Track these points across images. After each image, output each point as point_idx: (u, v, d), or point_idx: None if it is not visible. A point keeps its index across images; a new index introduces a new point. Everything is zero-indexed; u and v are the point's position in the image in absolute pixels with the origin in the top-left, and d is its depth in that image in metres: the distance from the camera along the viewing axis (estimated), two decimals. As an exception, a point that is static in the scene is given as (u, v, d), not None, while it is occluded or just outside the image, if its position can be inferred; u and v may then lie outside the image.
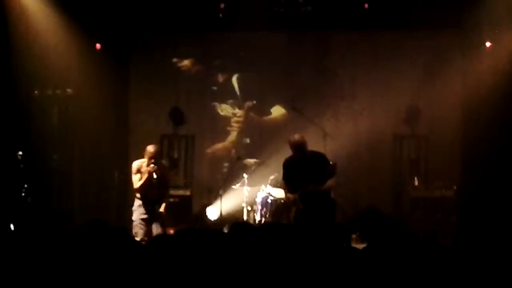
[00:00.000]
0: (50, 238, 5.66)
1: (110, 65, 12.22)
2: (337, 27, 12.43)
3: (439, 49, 12.47)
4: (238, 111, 13.31)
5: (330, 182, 8.68)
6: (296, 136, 8.82)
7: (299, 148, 8.73)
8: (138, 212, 9.44)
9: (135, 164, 9.59)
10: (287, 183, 9.00)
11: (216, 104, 13.31)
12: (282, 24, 12.50)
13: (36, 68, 10.91)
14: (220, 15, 12.27)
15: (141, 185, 9.40)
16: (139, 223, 9.36)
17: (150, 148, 9.61)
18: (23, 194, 9.88)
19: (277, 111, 13.26)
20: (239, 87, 13.33)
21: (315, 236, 5.78)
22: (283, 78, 13.03)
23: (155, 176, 9.34)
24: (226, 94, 13.34)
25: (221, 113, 13.32)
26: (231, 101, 13.32)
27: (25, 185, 9.94)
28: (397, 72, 12.43)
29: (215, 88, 13.33)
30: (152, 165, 9.37)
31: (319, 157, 8.80)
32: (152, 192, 9.43)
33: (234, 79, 13.34)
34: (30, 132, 10.95)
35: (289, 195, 8.89)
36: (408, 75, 12.48)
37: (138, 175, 9.47)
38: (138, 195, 9.51)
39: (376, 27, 12.26)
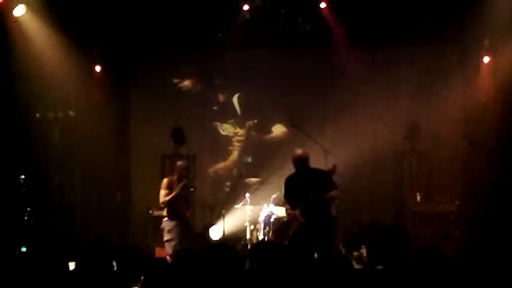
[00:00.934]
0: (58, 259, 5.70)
1: (110, 86, 12.30)
2: (334, 43, 12.46)
3: (439, 64, 12.49)
4: (240, 130, 13.35)
5: (332, 193, 8.70)
6: (299, 151, 8.92)
7: (301, 162, 8.82)
8: (175, 230, 9.85)
9: (166, 180, 10.13)
10: (288, 199, 9.01)
11: (217, 124, 13.34)
12: (281, 42, 12.55)
13: (37, 91, 10.99)
14: (219, 34, 12.32)
15: (170, 200, 9.87)
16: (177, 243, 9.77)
17: (182, 164, 10.01)
18: (26, 217, 9.90)
19: (277, 129, 13.29)
20: (239, 106, 13.36)
21: (314, 250, 5.80)
22: (283, 96, 13.05)
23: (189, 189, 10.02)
24: (227, 113, 13.39)
25: (223, 133, 13.35)
26: (232, 120, 13.36)
27: (28, 208, 9.95)
28: (397, 88, 12.46)
29: (215, 107, 13.38)
30: (185, 180, 9.88)
31: (320, 174, 8.84)
32: (183, 206, 9.91)
33: (235, 98, 13.38)
34: (32, 154, 10.98)
35: (290, 211, 8.91)
36: (409, 91, 12.50)
37: (167, 191, 9.87)
38: (166, 211, 10.01)
39: (375, 42, 12.30)
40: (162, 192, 10.06)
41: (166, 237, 10.11)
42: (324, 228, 8.58)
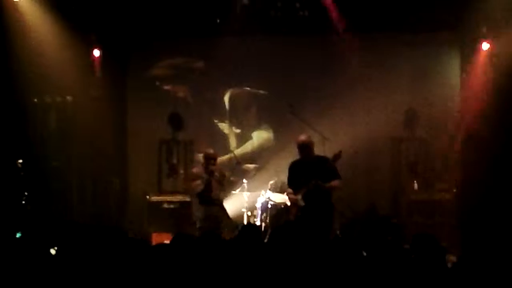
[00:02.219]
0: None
1: (108, 71, 12.25)
2: (334, 31, 12.45)
3: (437, 51, 12.48)
4: (236, 130, 13.37)
5: (334, 182, 8.73)
6: (302, 137, 9.03)
7: (304, 148, 8.91)
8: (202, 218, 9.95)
9: (195, 170, 10.36)
10: (290, 184, 9.12)
11: (217, 121, 13.36)
12: (279, 29, 12.52)
13: (35, 76, 10.92)
14: (218, 20, 12.26)
15: (201, 190, 9.94)
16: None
17: (210, 150, 10.20)
18: (23, 202, 9.91)
19: (259, 134, 13.31)
20: (229, 104, 13.34)
21: (312, 235, 5.84)
22: (281, 83, 13.02)
23: (216, 175, 9.95)
24: (220, 112, 13.42)
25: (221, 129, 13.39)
26: (226, 121, 13.37)
27: (26, 193, 9.96)
28: (395, 75, 12.45)
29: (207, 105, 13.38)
30: (214, 167, 9.92)
31: (324, 160, 8.86)
32: (212, 194, 10.02)
33: (226, 97, 13.34)
34: (29, 139, 10.97)
35: (292, 196, 8.99)
36: (407, 78, 12.50)
37: (199, 181, 9.98)
38: (198, 200, 10.09)
39: (373, 29, 12.27)
40: (195, 183, 10.16)
41: (198, 224, 10.13)
42: (322, 215, 8.62)
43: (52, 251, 5.67)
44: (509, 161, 10.83)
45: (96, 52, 12.06)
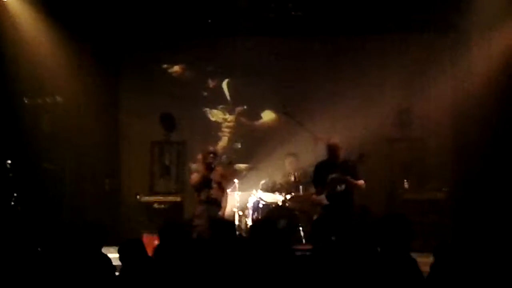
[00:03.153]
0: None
1: (100, 72, 12.22)
2: (327, 32, 12.45)
3: (430, 52, 12.49)
4: (229, 117, 13.30)
5: (360, 181, 9.09)
6: (333, 139, 9.39)
7: (332, 150, 9.24)
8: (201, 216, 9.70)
9: (194, 166, 10.26)
10: (316, 184, 9.37)
11: (207, 110, 13.29)
12: (272, 29, 12.50)
13: (26, 77, 10.88)
14: (209, 20, 12.23)
15: (197, 182, 9.73)
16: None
17: (209, 147, 10.13)
18: (12, 203, 9.85)
19: (267, 115, 13.25)
20: (229, 92, 13.31)
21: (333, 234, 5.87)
22: (274, 83, 13.01)
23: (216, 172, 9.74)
24: (216, 99, 13.33)
25: (212, 119, 13.30)
26: (222, 106, 13.31)
27: (15, 194, 9.90)
28: (388, 75, 12.44)
29: (205, 93, 13.31)
30: (210, 159, 9.73)
31: (348, 163, 8.96)
32: (211, 192, 9.73)
33: (225, 85, 13.32)
34: (20, 140, 10.91)
35: (315, 196, 9.33)
36: (400, 78, 12.48)
37: (195, 174, 9.87)
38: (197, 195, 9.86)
39: (366, 31, 12.28)
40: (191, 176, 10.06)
41: (195, 222, 9.94)
42: (345, 213, 8.71)
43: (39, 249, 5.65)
44: (500, 160, 10.83)
45: (88, 53, 12.01)
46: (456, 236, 10.64)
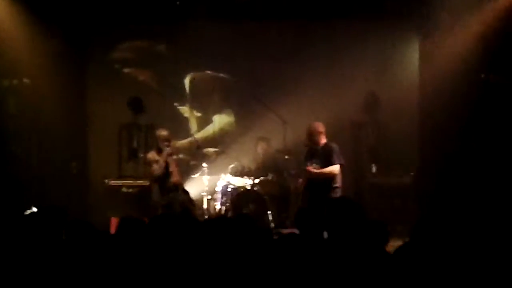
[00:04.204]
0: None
1: (67, 54, 12.09)
2: (294, 16, 12.45)
3: (397, 37, 12.56)
4: (196, 113, 13.29)
5: (327, 168, 8.89)
6: (310, 124, 9.27)
7: (308, 135, 9.21)
8: (164, 204, 9.81)
9: (150, 155, 9.90)
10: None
11: (177, 105, 13.26)
12: (242, 14, 12.46)
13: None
14: (177, 2, 12.12)
15: (160, 174, 9.65)
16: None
17: (163, 132, 9.69)
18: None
19: (220, 120, 13.28)
20: (190, 88, 13.26)
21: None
22: (244, 68, 12.99)
23: (173, 158, 9.69)
24: (180, 96, 13.34)
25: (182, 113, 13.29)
26: (187, 105, 13.29)
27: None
28: (356, 60, 12.46)
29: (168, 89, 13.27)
30: (169, 149, 9.58)
31: (328, 149, 8.89)
32: (171, 178, 9.66)
33: (187, 80, 13.25)
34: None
35: (301, 180, 9.37)
36: (367, 63, 12.55)
37: (156, 166, 9.66)
38: (156, 185, 9.83)
39: (333, 16, 12.30)
40: (153, 167, 9.87)
41: (160, 211, 9.92)
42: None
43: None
44: (467, 145, 10.96)
45: (55, 35, 11.88)
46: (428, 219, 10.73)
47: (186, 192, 10.30)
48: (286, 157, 11.62)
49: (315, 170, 8.89)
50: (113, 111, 12.86)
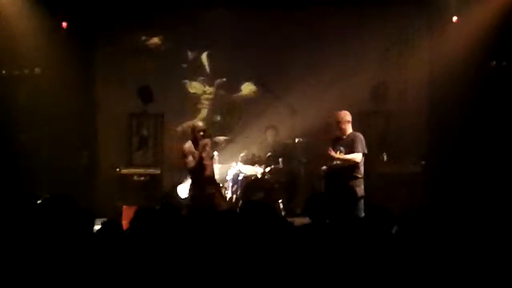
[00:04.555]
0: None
1: (77, 43, 12.10)
2: (305, 4, 12.42)
3: (406, 24, 12.52)
4: (208, 89, 13.24)
5: (350, 155, 8.76)
6: (337, 112, 9.09)
7: (335, 124, 9.02)
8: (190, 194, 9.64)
9: (187, 146, 9.61)
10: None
11: (187, 81, 13.23)
12: (250, 2, 12.46)
13: (2, 49, 10.80)
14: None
15: (196, 164, 9.40)
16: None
17: (199, 123, 9.66)
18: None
19: (247, 88, 13.22)
20: (208, 64, 13.26)
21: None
22: (252, 56, 12.96)
23: (207, 150, 9.43)
24: (196, 71, 13.26)
25: (191, 91, 13.24)
26: (201, 78, 13.26)
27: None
28: (365, 49, 12.43)
29: (185, 65, 13.24)
30: (204, 140, 9.40)
31: (353, 138, 8.84)
32: (206, 171, 9.50)
33: (204, 57, 13.25)
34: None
35: (325, 168, 9.09)
36: (376, 52, 12.51)
37: (190, 158, 9.49)
38: (192, 176, 9.64)
39: (343, 3, 12.27)
40: (188, 159, 9.61)
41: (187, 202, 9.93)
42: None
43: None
44: (477, 134, 10.94)
45: (64, 24, 11.90)
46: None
47: (219, 188, 10.16)
48: (297, 140, 11.60)
49: (337, 155, 8.79)
50: (123, 100, 12.88)
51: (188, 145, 9.64)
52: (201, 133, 9.46)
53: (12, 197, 5.99)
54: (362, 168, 8.84)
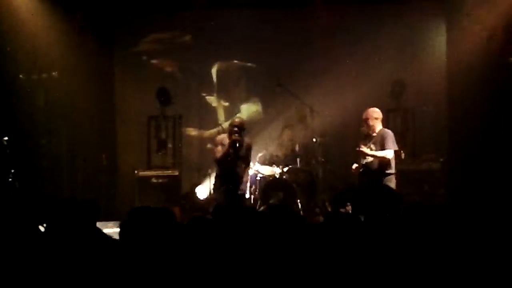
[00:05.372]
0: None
1: (94, 47, 12.18)
2: (320, 3, 12.40)
3: (423, 21, 12.47)
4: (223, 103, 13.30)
5: (382, 152, 8.75)
6: (367, 110, 9.12)
7: (364, 121, 9.03)
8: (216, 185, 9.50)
9: (220, 136, 9.58)
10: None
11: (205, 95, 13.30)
12: (266, 2, 12.46)
13: (21, 53, 10.89)
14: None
15: (221, 156, 9.21)
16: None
17: (236, 119, 9.59)
18: (10, 179, 9.87)
19: (247, 110, 13.26)
20: (217, 78, 13.28)
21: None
22: (269, 56, 12.96)
23: (237, 145, 9.15)
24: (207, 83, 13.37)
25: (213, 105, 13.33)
26: (214, 95, 13.32)
27: (12, 170, 9.92)
28: (382, 46, 12.40)
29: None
30: (235, 134, 9.16)
31: (382, 134, 8.80)
32: (230, 166, 9.28)
33: (214, 70, 13.28)
34: (17, 117, 10.93)
35: (356, 166, 9.10)
36: (394, 48, 12.46)
37: (219, 147, 9.32)
38: (217, 170, 9.51)
39: (359, 1, 12.25)
40: (217, 149, 9.42)
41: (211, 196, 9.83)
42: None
43: (41, 228, 5.67)
44: (496, 129, 10.87)
45: (82, 28, 11.97)
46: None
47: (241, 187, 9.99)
48: (314, 140, 11.57)
49: (368, 151, 8.78)
50: (141, 102, 12.95)
51: (222, 136, 9.58)
52: (235, 128, 9.32)
53: (33, 200, 6.04)
54: (393, 164, 8.82)
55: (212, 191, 9.73)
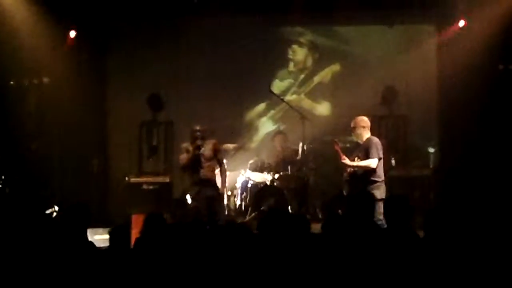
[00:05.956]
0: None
1: (87, 52, 12.18)
2: (311, 9, 12.42)
3: (413, 28, 12.53)
4: None
5: (364, 162, 8.64)
6: (355, 118, 9.02)
7: (352, 129, 8.96)
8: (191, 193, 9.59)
9: (185, 144, 9.63)
10: None
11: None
12: (257, 8, 12.46)
13: (11, 58, 10.86)
14: (195, 0, 12.14)
15: (186, 164, 9.39)
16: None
17: (196, 127, 9.61)
18: (0, 185, 9.86)
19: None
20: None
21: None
22: (261, 63, 12.97)
23: (200, 149, 9.31)
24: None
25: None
26: None
27: (2, 176, 9.91)
28: (372, 53, 12.46)
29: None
30: (198, 141, 9.35)
31: (368, 143, 8.82)
32: (200, 173, 9.42)
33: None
34: (7, 122, 10.91)
35: (346, 173, 9.00)
36: (384, 55, 12.51)
37: (184, 155, 9.48)
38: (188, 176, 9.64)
39: (349, 7, 12.26)
40: (181, 156, 9.66)
41: (191, 204, 9.83)
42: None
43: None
44: (486, 136, 10.91)
45: (73, 34, 11.95)
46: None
47: (217, 189, 10.05)
48: (305, 146, 11.57)
49: (349, 162, 8.79)
50: (133, 108, 12.90)
51: (186, 144, 9.66)
52: (197, 133, 9.44)
53: (24, 205, 6.05)
54: (380, 172, 8.79)
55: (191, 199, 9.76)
